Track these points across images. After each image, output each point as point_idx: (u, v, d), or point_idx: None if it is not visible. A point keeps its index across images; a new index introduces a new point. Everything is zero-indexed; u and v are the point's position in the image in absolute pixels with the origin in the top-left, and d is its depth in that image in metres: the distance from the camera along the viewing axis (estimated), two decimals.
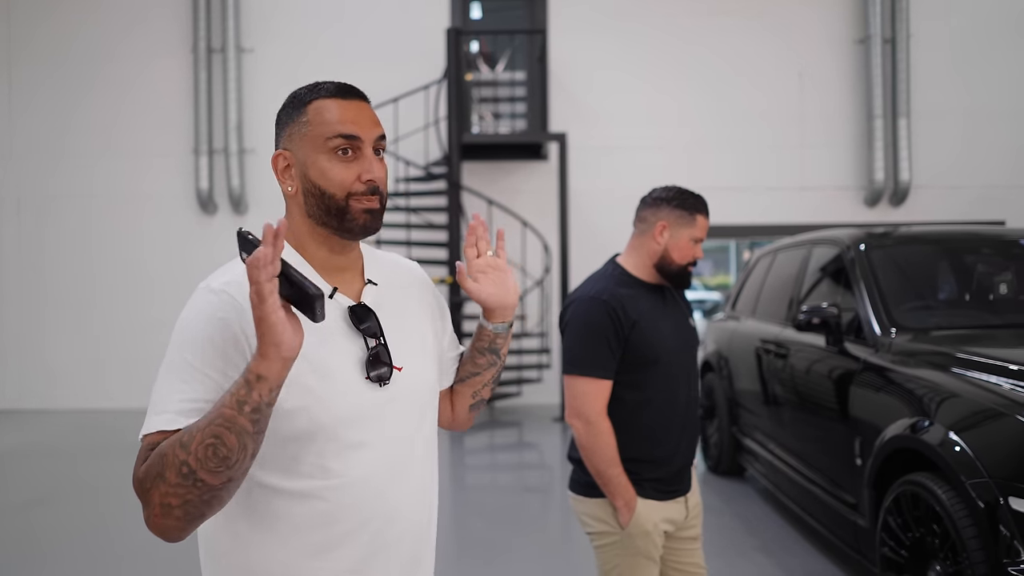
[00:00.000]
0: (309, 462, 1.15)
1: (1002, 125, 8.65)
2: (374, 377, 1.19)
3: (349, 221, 1.19)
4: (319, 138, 1.18)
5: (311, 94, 1.22)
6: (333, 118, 1.19)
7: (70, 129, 8.64)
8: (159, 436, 1.07)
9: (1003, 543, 2.28)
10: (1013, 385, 2.53)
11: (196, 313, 1.14)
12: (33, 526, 4.55)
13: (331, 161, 1.18)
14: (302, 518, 1.16)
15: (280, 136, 1.23)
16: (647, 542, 2.08)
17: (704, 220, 2.18)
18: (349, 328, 1.20)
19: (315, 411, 1.14)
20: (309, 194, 1.20)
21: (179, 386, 1.09)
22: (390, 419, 1.22)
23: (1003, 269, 3.87)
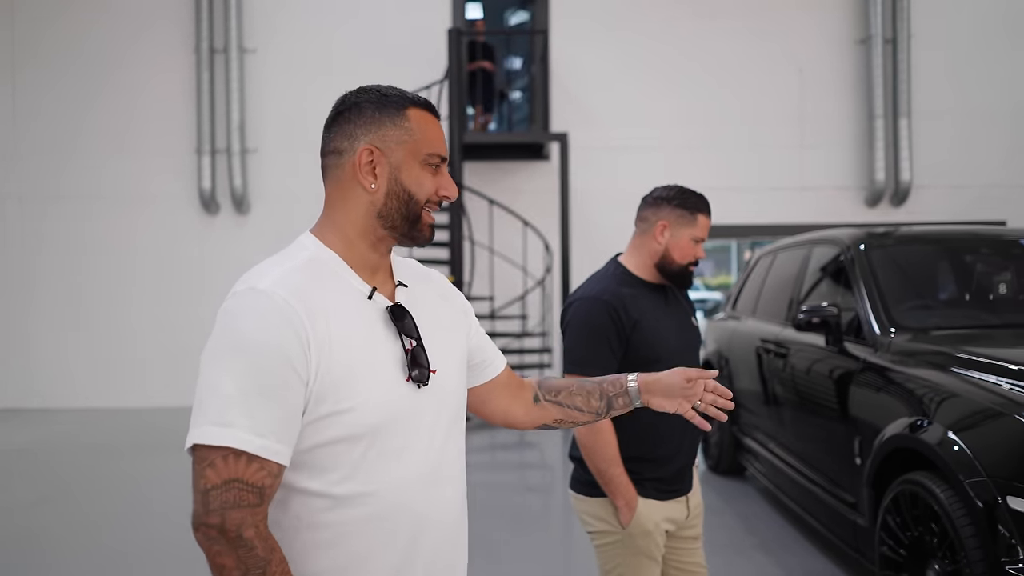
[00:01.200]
0: (352, 465, 1.14)
1: (1003, 125, 8.66)
2: (414, 378, 1.19)
3: (418, 229, 1.24)
4: (420, 150, 1.22)
5: (405, 100, 1.23)
6: (434, 136, 1.24)
7: (73, 130, 8.66)
8: (226, 451, 1.05)
9: (1001, 542, 2.29)
10: (1012, 385, 2.54)
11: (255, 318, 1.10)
12: (38, 525, 4.57)
13: (423, 171, 1.23)
14: (345, 524, 1.15)
15: (363, 130, 1.21)
16: (648, 541, 2.09)
17: (705, 219, 2.18)
18: (387, 329, 1.21)
19: (361, 412, 1.14)
20: (394, 195, 1.22)
21: (251, 399, 1.06)
22: (427, 422, 1.23)
23: (1003, 269, 3.88)
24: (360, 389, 1.14)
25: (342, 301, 1.17)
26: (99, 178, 8.66)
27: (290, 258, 1.20)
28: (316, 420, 1.11)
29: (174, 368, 8.55)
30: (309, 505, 1.14)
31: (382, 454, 1.16)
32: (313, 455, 1.13)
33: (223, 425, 1.05)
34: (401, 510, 1.18)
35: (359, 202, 1.22)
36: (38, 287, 8.66)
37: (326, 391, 1.11)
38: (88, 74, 8.66)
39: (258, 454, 1.06)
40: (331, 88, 8.36)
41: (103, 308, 8.65)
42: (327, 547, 1.15)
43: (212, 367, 1.09)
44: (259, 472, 1.06)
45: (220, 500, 1.04)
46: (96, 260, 8.66)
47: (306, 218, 8.08)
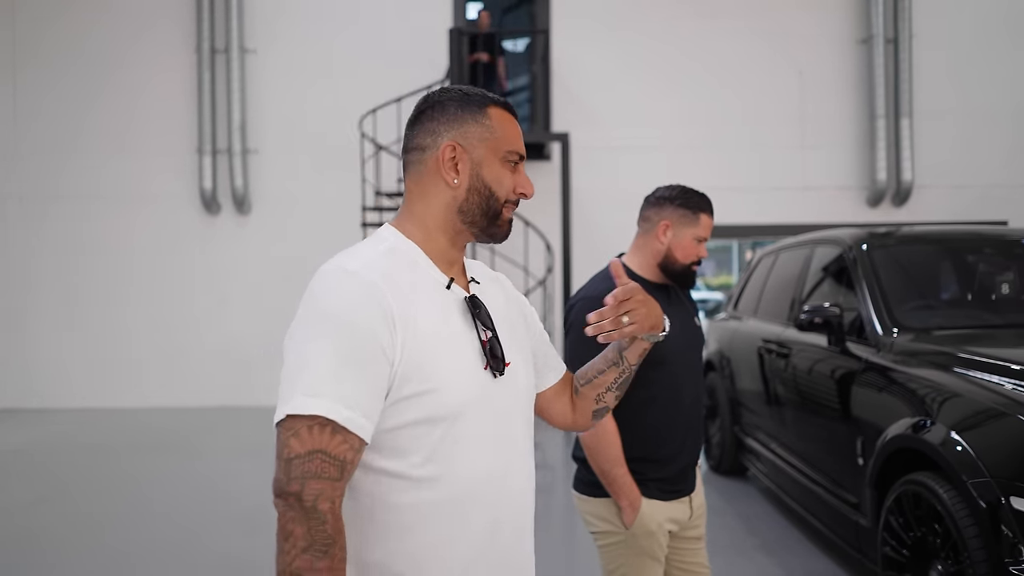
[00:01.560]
0: (431, 448, 1.17)
1: (1005, 125, 8.65)
2: (491, 367, 1.23)
3: (496, 225, 1.28)
4: (500, 147, 1.26)
5: (486, 99, 1.28)
6: (513, 134, 1.28)
7: (74, 129, 8.66)
8: (312, 421, 1.07)
9: (1005, 542, 2.28)
10: (1015, 385, 2.54)
11: (344, 296, 1.13)
12: (36, 525, 4.57)
13: (503, 168, 1.27)
14: (421, 508, 1.17)
15: (446, 127, 1.26)
16: (651, 542, 2.08)
17: (708, 219, 2.18)
18: (464, 319, 1.24)
19: (442, 394, 1.16)
20: (475, 191, 1.25)
21: (340, 372, 1.09)
22: (501, 412, 1.25)
23: (1005, 269, 3.87)
24: (442, 372, 1.17)
25: (423, 289, 1.21)
26: (100, 178, 8.67)
27: (372, 247, 1.24)
28: (399, 401, 1.14)
29: (173, 368, 8.56)
30: (388, 486, 1.17)
31: (459, 439, 1.18)
32: (394, 436, 1.16)
33: (312, 395, 1.08)
34: (475, 499, 1.20)
35: (441, 196, 1.26)
36: (38, 287, 8.67)
37: (410, 371, 1.14)
38: (89, 74, 8.66)
39: (345, 425, 1.08)
40: (332, 88, 8.38)
41: (103, 308, 8.66)
42: (403, 532, 1.17)
43: (301, 344, 1.12)
44: (342, 445, 1.09)
45: (302, 469, 1.07)
46: (96, 260, 8.66)
47: (307, 219, 8.17)
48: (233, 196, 8.58)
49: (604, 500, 2.11)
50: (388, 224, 1.30)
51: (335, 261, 1.19)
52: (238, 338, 8.55)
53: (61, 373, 8.60)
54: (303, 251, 8.57)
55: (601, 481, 2.08)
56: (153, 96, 8.69)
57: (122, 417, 7.93)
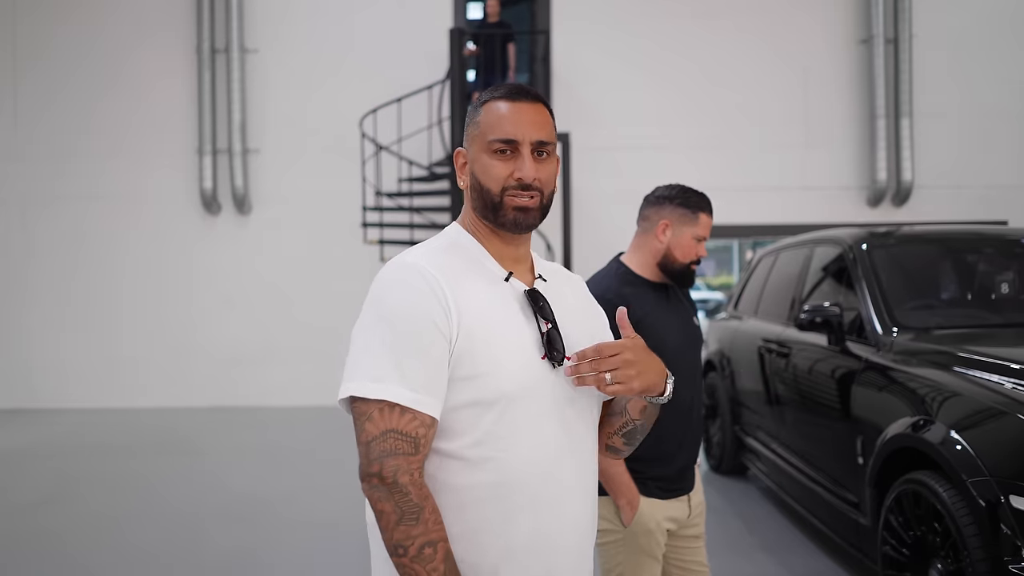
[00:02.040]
0: (484, 430, 1.21)
1: (1004, 125, 8.65)
2: (549, 357, 1.25)
3: (501, 216, 1.29)
4: (484, 138, 1.30)
5: (488, 95, 1.32)
6: (497, 120, 1.28)
7: (74, 130, 8.67)
8: (381, 404, 1.15)
9: (1004, 541, 2.29)
10: (1015, 384, 2.54)
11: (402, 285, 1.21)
12: (41, 525, 4.57)
13: (491, 159, 1.29)
14: (473, 489, 1.21)
15: (464, 135, 1.36)
16: (650, 540, 2.09)
17: (707, 218, 2.18)
18: (524, 312, 1.28)
19: (499, 378, 1.21)
20: (474, 189, 1.32)
21: (400, 355, 1.16)
22: (560, 401, 1.27)
23: (1005, 269, 3.87)
24: (497, 356, 1.21)
25: (480, 280, 1.27)
26: (100, 179, 8.66)
27: (433, 242, 1.32)
28: (453, 381, 1.20)
29: (175, 369, 8.56)
30: (442, 465, 1.21)
31: (511, 424, 1.22)
32: (448, 417, 1.20)
33: (376, 380, 1.16)
34: (525, 484, 1.23)
35: (467, 199, 1.35)
36: (40, 287, 8.67)
37: (465, 353, 1.19)
38: (89, 75, 8.66)
39: (410, 406, 1.15)
40: (332, 88, 8.37)
41: (103, 308, 8.66)
42: (457, 511, 1.21)
43: (364, 331, 1.21)
44: (412, 422, 1.16)
45: (379, 449, 1.14)
46: (98, 260, 8.66)
47: (307, 218, 8.15)
48: (233, 196, 8.59)
49: (602, 499, 2.12)
50: (455, 221, 1.37)
51: (398, 257, 1.28)
52: (239, 338, 8.55)
53: (62, 373, 8.60)
54: (303, 251, 8.58)
55: (599, 479, 2.09)
56: (153, 96, 8.70)
57: (122, 417, 7.93)
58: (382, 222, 7.74)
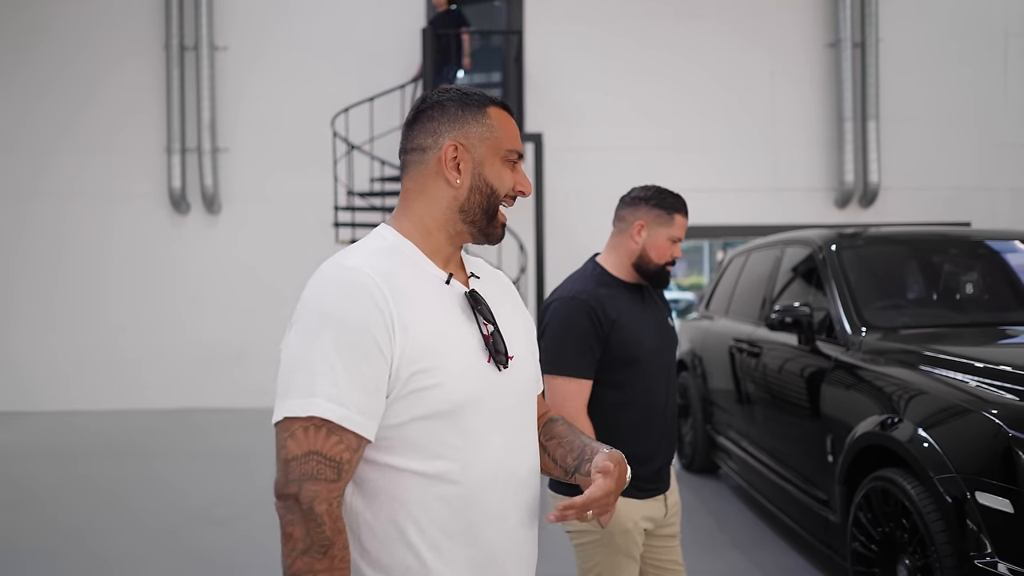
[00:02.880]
0: (442, 442, 1.18)
1: (968, 128, 8.83)
2: (495, 360, 1.24)
3: (493, 226, 1.30)
4: (500, 146, 1.28)
5: (485, 98, 1.29)
6: (513, 133, 1.30)
7: (39, 126, 8.49)
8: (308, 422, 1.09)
9: (970, 537, 2.33)
10: (979, 382, 2.59)
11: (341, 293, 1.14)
12: (3, 529, 4.47)
13: (503, 167, 1.29)
14: (438, 501, 1.18)
15: (448, 127, 1.27)
16: (627, 540, 2.09)
17: (683, 219, 2.20)
18: (465, 314, 1.25)
19: (447, 389, 1.17)
20: (477, 190, 1.27)
21: (335, 370, 1.10)
22: (507, 405, 1.26)
23: (969, 269, 3.96)
24: (446, 366, 1.17)
25: (422, 286, 1.22)
26: (66, 176, 8.50)
27: (369, 244, 1.25)
28: (404, 396, 1.15)
29: (146, 369, 8.42)
30: (400, 482, 1.17)
31: (466, 434, 1.19)
32: (402, 432, 1.17)
33: (308, 396, 1.09)
34: (487, 492, 1.21)
35: (442, 196, 1.27)
36: (4, 286, 8.48)
37: (412, 368, 1.15)
38: (55, 71, 8.49)
39: (340, 423, 1.09)
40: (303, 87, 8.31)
41: (72, 308, 8.49)
42: (422, 522, 1.18)
43: (297, 342, 1.14)
44: (338, 446, 1.10)
45: (300, 471, 1.09)
46: (64, 259, 8.50)
47: (278, 218, 8.10)
48: (203, 195, 8.48)
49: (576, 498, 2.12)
50: (385, 224, 1.31)
51: (333, 259, 1.21)
52: (209, 339, 8.44)
53: (29, 375, 8.42)
54: (274, 251, 8.48)
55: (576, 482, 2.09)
56: (121, 94, 8.55)
57: (92, 420, 7.79)
58: (354, 222, 7.69)
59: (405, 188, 1.31)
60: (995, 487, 2.28)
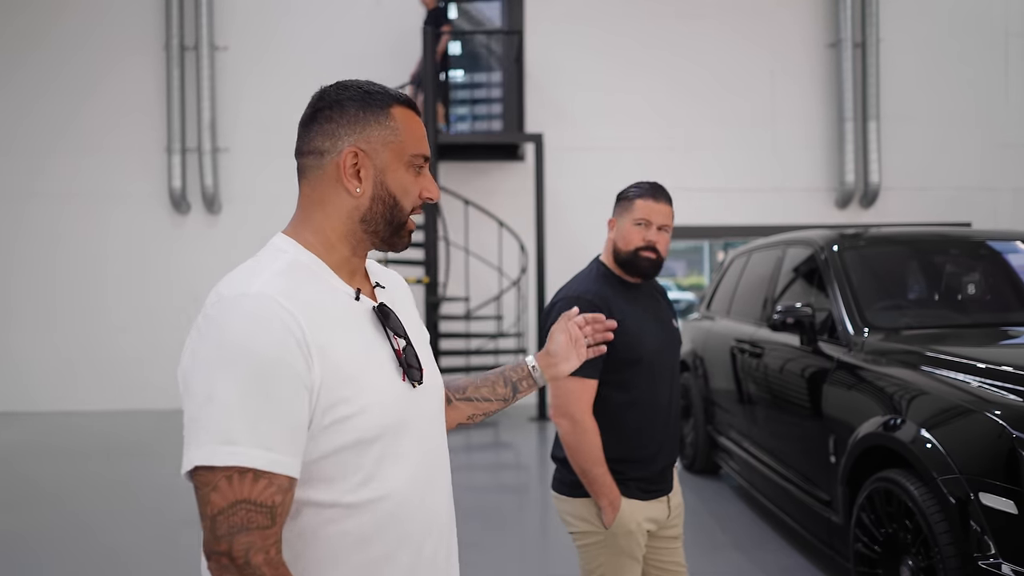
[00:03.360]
0: (364, 471, 1.11)
1: (969, 129, 8.83)
2: (410, 377, 1.17)
3: (399, 236, 1.21)
4: (405, 151, 1.18)
5: (388, 97, 1.19)
6: (419, 134, 1.19)
7: (39, 127, 8.49)
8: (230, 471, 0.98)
9: (973, 538, 2.33)
10: (981, 383, 2.59)
11: (251, 324, 1.03)
12: (4, 529, 4.47)
13: (407, 174, 1.19)
14: (362, 531, 1.11)
15: (348, 130, 1.16)
16: (630, 541, 2.09)
17: (645, 202, 2.15)
18: (375, 330, 1.17)
19: (370, 415, 1.10)
20: (379, 200, 1.17)
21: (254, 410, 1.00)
22: (425, 422, 1.21)
23: (970, 270, 3.95)
24: (366, 391, 1.10)
25: (331, 305, 1.13)
26: (67, 176, 8.50)
27: (271, 262, 1.13)
28: (325, 428, 1.07)
29: (147, 369, 8.42)
30: (322, 516, 1.09)
31: (390, 457, 1.13)
32: (321, 465, 1.08)
33: (226, 443, 0.98)
34: (409, 514, 1.16)
35: (341, 205, 1.17)
36: (12, 287, 8.47)
37: (332, 397, 1.07)
38: (55, 71, 8.49)
39: (268, 469, 0.99)
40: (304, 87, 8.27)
41: (71, 309, 8.49)
42: (345, 556, 1.11)
43: (205, 379, 1.01)
44: (268, 489, 0.99)
45: (228, 525, 0.98)
46: (64, 260, 8.49)
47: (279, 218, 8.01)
48: (203, 195, 8.47)
49: (584, 500, 2.12)
50: (282, 233, 1.20)
51: (234, 285, 1.08)
52: None
53: (28, 375, 8.42)
54: None
55: (581, 480, 2.09)
56: (121, 94, 8.55)
57: (92, 420, 7.79)
58: None
59: (303, 194, 1.20)
60: (998, 488, 2.27)
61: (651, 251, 2.14)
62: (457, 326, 8.12)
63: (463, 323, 8.11)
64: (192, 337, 1.07)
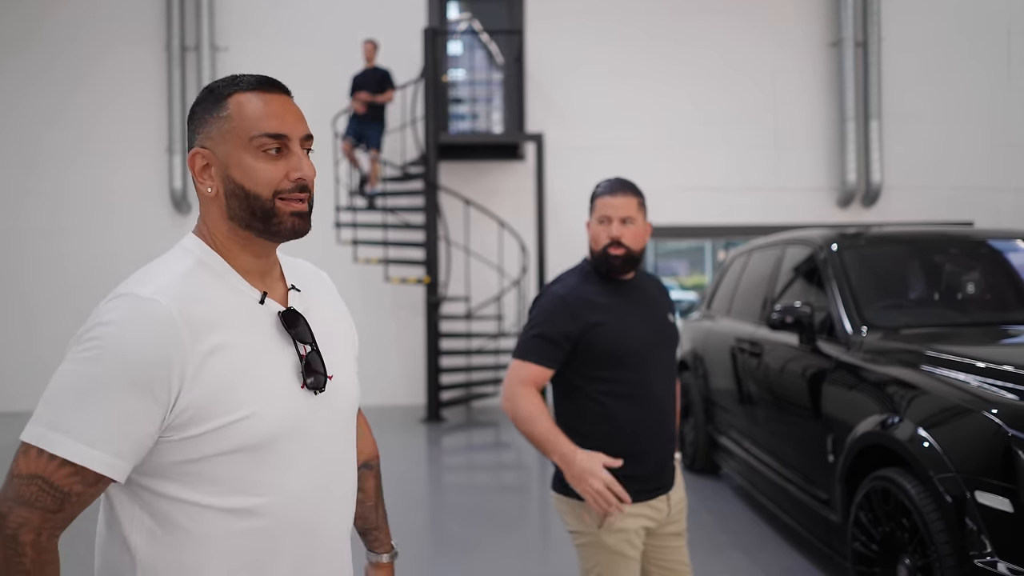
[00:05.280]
0: (245, 477, 1.09)
1: (970, 127, 8.82)
2: (310, 384, 1.15)
3: (276, 224, 1.13)
4: (243, 136, 1.12)
5: (230, 87, 1.15)
6: (257, 114, 1.13)
7: (39, 126, 8.51)
8: (53, 463, 1.00)
9: (970, 536, 2.33)
10: (980, 382, 2.59)
11: (129, 326, 1.03)
12: None
13: (256, 159, 1.12)
14: (233, 538, 1.09)
15: (196, 133, 1.15)
16: (619, 540, 2.08)
17: (602, 200, 2.16)
18: (280, 335, 1.15)
19: (255, 423, 1.08)
20: (232, 195, 1.13)
21: (93, 406, 1.01)
22: (324, 429, 1.18)
23: (971, 269, 3.95)
24: (252, 399, 1.08)
25: (232, 308, 1.12)
26: (68, 176, 8.51)
27: (176, 262, 1.13)
28: (205, 434, 1.06)
29: None
30: (196, 516, 1.08)
31: (273, 465, 1.11)
32: (199, 466, 1.07)
33: (55, 429, 1.01)
34: (290, 523, 1.13)
35: (210, 208, 1.16)
36: (12, 287, 8.49)
37: (214, 404, 1.06)
38: (57, 71, 8.51)
39: (78, 462, 1.00)
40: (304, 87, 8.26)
41: (77, 309, 8.48)
42: (215, 561, 1.09)
43: (71, 364, 1.04)
44: (70, 477, 1.00)
45: (16, 492, 1.00)
46: (65, 259, 8.51)
47: None
48: None
49: (575, 501, 2.12)
50: (192, 233, 1.19)
51: (130, 284, 1.09)
52: None
53: (35, 376, 8.43)
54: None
55: (538, 449, 2.08)
56: (122, 94, 8.56)
57: None
58: (355, 222, 7.70)
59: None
60: (995, 486, 2.27)
61: (618, 247, 2.12)
62: (458, 326, 8.13)
63: (464, 323, 8.12)
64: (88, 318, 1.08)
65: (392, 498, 1.73)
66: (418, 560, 4.04)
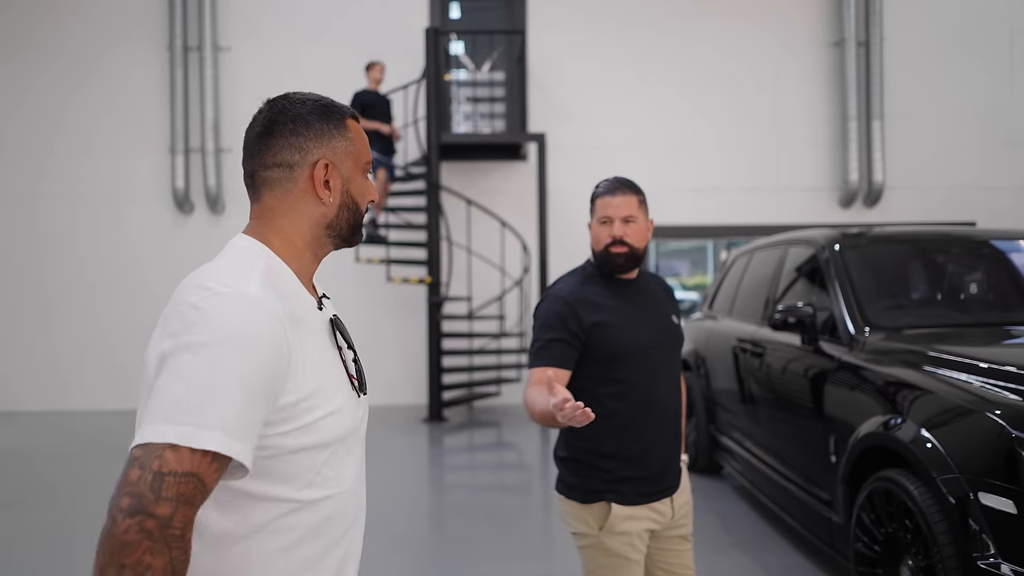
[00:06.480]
0: (315, 471, 1.17)
1: (973, 127, 8.81)
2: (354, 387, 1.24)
3: (357, 236, 1.30)
4: (359, 158, 1.27)
5: (345, 110, 1.28)
6: (367, 142, 1.30)
7: (44, 127, 8.51)
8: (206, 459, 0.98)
9: (973, 537, 2.32)
10: (983, 383, 2.58)
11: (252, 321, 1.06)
12: (2, 530, 4.48)
13: (364, 180, 1.29)
14: (307, 528, 1.17)
15: (312, 142, 1.22)
16: (620, 542, 2.07)
17: (602, 200, 2.16)
18: (330, 339, 1.24)
19: (341, 418, 1.18)
20: (346, 208, 1.26)
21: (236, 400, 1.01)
22: (363, 429, 1.31)
23: (973, 269, 3.94)
24: (334, 397, 1.17)
25: (305, 311, 1.19)
26: (70, 176, 8.52)
27: (251, 264, 1.16)
28: (299, 429, 1.12)
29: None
30: (274, 510, 1.13)
31: (340, 460, 1.21)
32: (282, 462, 1.12)
33: (207, 427, 0.98)
34: (346, 511, 1.23)
35: (310, 214, 1.24)
36: (14, 287, 8.50)
37: (306, 400, 1.12)
38: (60, 71, 8.52)
39: (233, 456, 1.00)
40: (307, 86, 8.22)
41: (79, 309, 8.51)
42: (285, 551, 1.15)
43: (196, 361, 1.02)
44: (216, 473, 1.00)
45: (176, 490, 0.95)
46: (68, 259, 8.52)
47: None
48: (206, 195, 8.49)
49: (578, 503, 2.11)
50: (249, 238, 1.23)
51: (231, 283, 1.10)
52: None
53: (33, 375, 8.45)
54: None
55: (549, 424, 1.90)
56: (125, 94, 8.57)
57: (94, 420, 7.81)
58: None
59: (267, 206, 1.23)
60: (998, 488, 2.27)
61: (620, 245, 2.12)
62: (459, 326, 8.13)
63: (465, 323, 8.12)
64: (172, 325, 1.07)
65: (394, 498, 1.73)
66: (419, 560, 4.03)
